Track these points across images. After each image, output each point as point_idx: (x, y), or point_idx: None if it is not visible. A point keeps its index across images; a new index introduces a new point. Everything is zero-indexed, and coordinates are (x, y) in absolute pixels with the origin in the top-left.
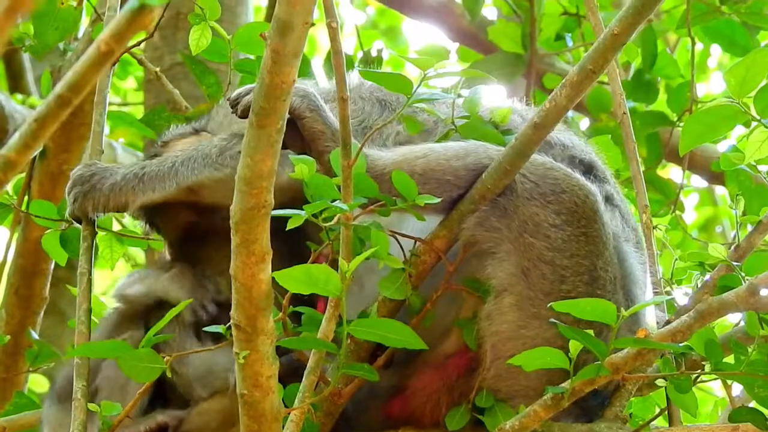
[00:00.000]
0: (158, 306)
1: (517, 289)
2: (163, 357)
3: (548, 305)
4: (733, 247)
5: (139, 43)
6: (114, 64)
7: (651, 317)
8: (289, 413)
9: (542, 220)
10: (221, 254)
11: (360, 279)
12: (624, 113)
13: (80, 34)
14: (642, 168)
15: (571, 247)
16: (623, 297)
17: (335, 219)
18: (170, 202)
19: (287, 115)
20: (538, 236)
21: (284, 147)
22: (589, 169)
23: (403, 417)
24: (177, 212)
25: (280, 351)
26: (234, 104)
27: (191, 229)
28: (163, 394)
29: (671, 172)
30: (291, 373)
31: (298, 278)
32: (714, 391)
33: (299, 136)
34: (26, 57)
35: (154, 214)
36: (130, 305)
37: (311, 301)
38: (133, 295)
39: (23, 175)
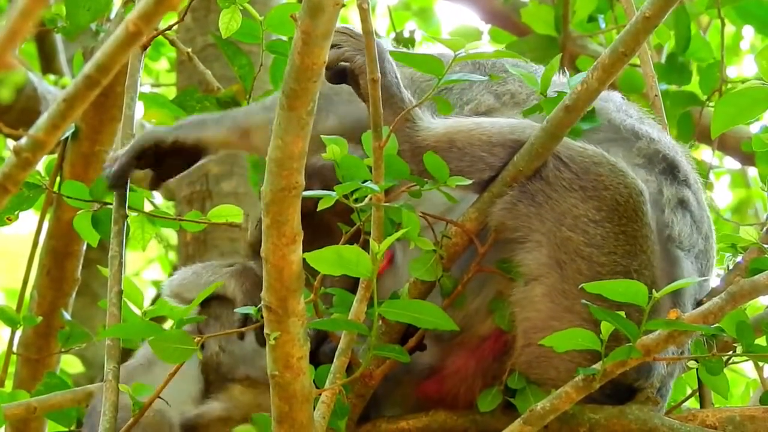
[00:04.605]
0: (212, 298)
1: (549, 280)
2: (194, 338)
3: (581, 299)
4: (765, 229)
5: (170, 27)
6: (146, 48)
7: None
8: (320, 394)
9: (581, 213)
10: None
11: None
12: (656, 95)
13: (112, 15)
14: None
15: (609, 245)
16: (670, 303)
17: (366, 200)
18: None
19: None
20: (577, 230)
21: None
22: (671, 168)
23: (438, 398)
24: None
25: (321, 338)
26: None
27: None
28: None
29: (702, 153)
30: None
31: (329, 259)
32: (746, 373)
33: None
34: (58, 38)
35: None
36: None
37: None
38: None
39: (55, 156)
